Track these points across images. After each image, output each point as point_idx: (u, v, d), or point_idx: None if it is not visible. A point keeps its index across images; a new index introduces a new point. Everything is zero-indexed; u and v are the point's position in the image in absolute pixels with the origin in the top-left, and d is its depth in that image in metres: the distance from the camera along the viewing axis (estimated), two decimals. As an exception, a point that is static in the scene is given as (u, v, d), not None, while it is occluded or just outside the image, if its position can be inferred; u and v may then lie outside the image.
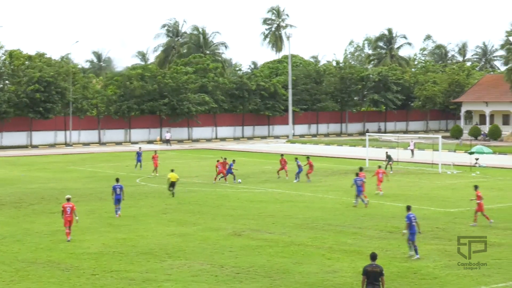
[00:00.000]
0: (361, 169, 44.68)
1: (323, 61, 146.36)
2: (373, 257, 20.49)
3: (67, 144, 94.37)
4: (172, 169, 46.66)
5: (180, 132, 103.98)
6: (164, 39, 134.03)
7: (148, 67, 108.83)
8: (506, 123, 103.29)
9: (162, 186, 46.35)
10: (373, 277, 20.03)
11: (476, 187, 35.93)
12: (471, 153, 65.83)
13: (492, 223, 34.83)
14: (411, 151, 72.94)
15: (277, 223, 35.51)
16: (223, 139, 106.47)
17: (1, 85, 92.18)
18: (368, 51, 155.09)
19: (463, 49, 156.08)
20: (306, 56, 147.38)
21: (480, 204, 34.88)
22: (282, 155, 57.33)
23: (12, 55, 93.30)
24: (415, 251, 27.72)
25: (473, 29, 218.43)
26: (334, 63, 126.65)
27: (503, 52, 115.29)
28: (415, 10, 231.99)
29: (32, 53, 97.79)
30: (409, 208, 28.53)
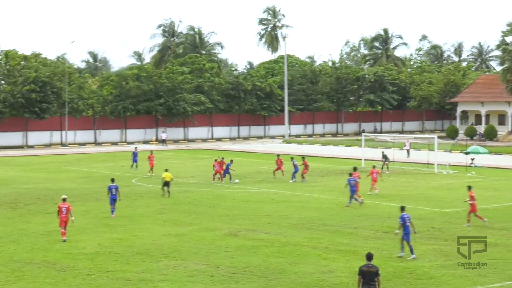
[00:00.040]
0: (355, 169, 44.70)
1: (319, 61, 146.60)
2: (369, 257, 20.52)
3: (62, 144, 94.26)
4: (166, 169, 46.90)
5: (176, 132, 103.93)
6: (160, 39, 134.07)
7: (144, 67, 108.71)
8: (502, 123, 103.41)
9: (158, 187, 46.32)
10: (369, 277, 20.05)
11: (470, 187, 35.86)
12: (466, 153, 65.88)
13: (486, 221, 34.90)
14: (407, 151, 72.96)
15: (273, 223, 35.51)
16: (219, 139, 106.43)
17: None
18: (364, 51, 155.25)
19: (458, 49, 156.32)
20: (302, 56, 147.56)
21: (473, 205, 34.83)
22: (278, 155, 57.36)
23: (7, 55, 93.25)
24: (411, 251, 27.73)
25: (469, 29, 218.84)
26: (330, 63, 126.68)
27: (498, 52, 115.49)
28: (411, 11, 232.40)
29: (27, 53, 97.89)
30: (403, 209, 28.55)
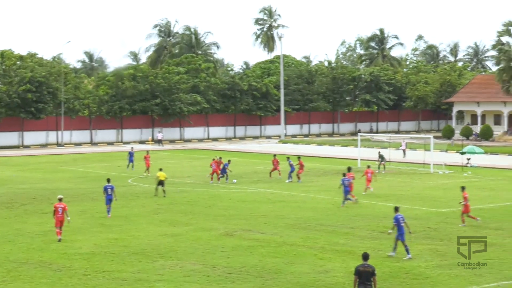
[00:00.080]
0: (349, 169, 44.65)
1: (315, 61, 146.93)
2: (365, 257, 20.52)
3: (58, 144, 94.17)
4: (160, 168, 47.28)
5: (172, 132, 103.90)
6: (156, 39, 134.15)
7: (140, 67, 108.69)
8: (498, 123, 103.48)
9: (154, 186, 46.27)
10: (365, 277, 20.05)
11: (463, 188, 35.77)
12: (462, 153, 65.91)
13: (479, 220, 34.95)
14: (403, 151, 73.01)
15: (269, 223, 35.51)
16: (215, 139, 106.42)
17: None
18: (360, 51, 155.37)
19: (454, 50, 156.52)
20: (298, 56, 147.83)
21: (466, 206, 34.84)
22: (274, 155, 57.35)
23: (3, 55, 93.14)
24: (407, 251, 27.75)
25: (465, 29, 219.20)
26: (326, 63, 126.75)
27: (494, 53, 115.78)
28: (406, 11, 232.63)
29: (23, 53, 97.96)
30: (397, 209, 28.56)
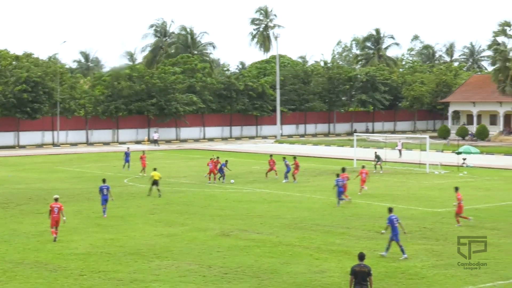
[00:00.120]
0: (343, 170, 44.63)
1: (311, 61, 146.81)
2: (361, 257, 20.55)
3: (54, 145, 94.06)
4: (154, 168, 47.45)
5: (168, 132, 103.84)
6: (152, 39, 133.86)
7: (136, 67, 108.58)
8: (493, 123, 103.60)
9: (148, 187, 46.16)
10: (361, 277, 20.08)
11: (457, 189, 35.74)
12: (458, 153, 65.98)
13: (471, 220, 34.99)
14: (398, 151, 73.07)
15: (265, 223, 35.51)
16: (211, 139, 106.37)
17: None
18: (356, 51, 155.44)
19: (450, 50, 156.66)
20: (294, 56, 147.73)
21: (460, 206, 34.85)
22: (271, 155, 57.33)
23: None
24: (402, 251, 27.77)
25: (461, 29, 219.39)
26: (322, 63, 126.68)
27: (490, 53, 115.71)
28: (402, 11, 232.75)
29: (19, 53, 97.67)
30: (390, 210, 28.60)
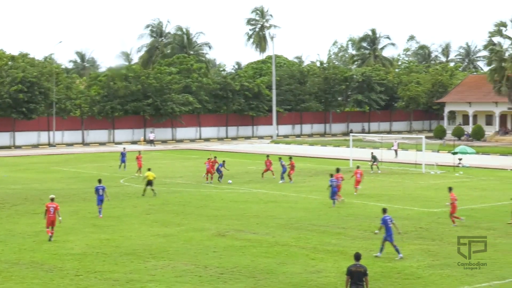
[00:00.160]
0: (337, 170, 44.63)
1: (307, 61, 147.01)
2: (357, 257, 20.54)
3: (50, 145, 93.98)
4: (149, 168, 47.49)
5: (164, 133, 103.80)
6: (148, 40, 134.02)
7: (131, 67, 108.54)
8: (489, 123, 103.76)
9: (143, 187, 46.11)
10: (357, 277, 20.07)
11: (450, 189, 35.71)
12: (454, 153, 65.99)
13: (463, 220, 35.03)
14: (394, 151, 73.08)
15: (261, 224, 35.51)
16: (207, 139, 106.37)
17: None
18: (352, 51, 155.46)
19: (446, 50, 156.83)
20: (290, 56, 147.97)
21: (453, 206, 34.87)
22: (267, 156, 57.35)
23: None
24: (397, 251, 27.76)
25: (456, 29, 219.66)
26: (318, 64, 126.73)
27: (486, 53, 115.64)
28: (398, 11, 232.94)
29: (15, 53, 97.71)
30: (385, 211, 28.61)
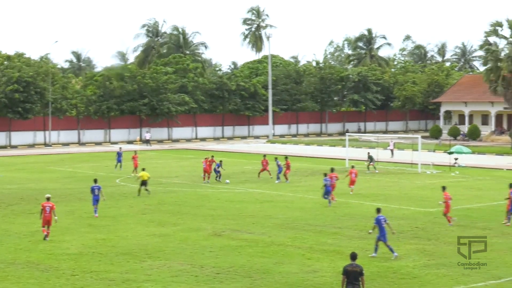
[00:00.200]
0: (332, 170, 44.62)
1: (303, 61, 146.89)
2: (353, 256, 20.55)
3: (46, 145, 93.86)
4: (143, 168, 47.55)
5: (160, 132, 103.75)
6: (144, 39, 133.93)
7: (128, 67, 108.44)
8: (485, 123, 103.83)
9: (137, 187, 46.08)
10: (353, 277, 20.08)
11: (444, 188, 35.70)
12: (450, 153, 66.05)
13: (455, 220, 35.08)
14: (390, 151, 73.14)
15: (257, 223, 35.51)
16: (203, 139, 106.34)
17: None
18: (348, 51, 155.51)
19: (442, 50, 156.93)
20: (286, 56, 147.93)
21: (447, 205, 34.90)
22: (264, 155, 57.30)
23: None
24: (391, 250, 27.76)
25: (452, 29, 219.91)
26: (314, 63, 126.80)
27: (482, 53, 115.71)
28: (394, 11, 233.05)
29: (11, 53, 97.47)
30: (379, 211, 28.61)
